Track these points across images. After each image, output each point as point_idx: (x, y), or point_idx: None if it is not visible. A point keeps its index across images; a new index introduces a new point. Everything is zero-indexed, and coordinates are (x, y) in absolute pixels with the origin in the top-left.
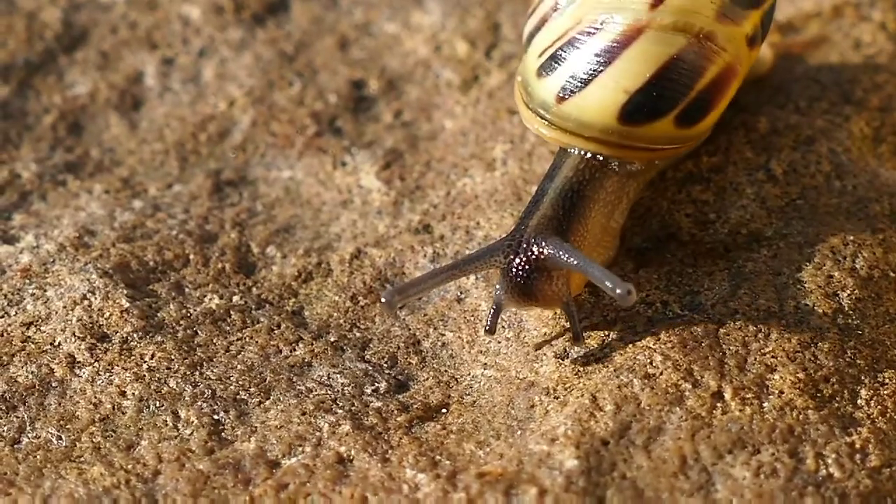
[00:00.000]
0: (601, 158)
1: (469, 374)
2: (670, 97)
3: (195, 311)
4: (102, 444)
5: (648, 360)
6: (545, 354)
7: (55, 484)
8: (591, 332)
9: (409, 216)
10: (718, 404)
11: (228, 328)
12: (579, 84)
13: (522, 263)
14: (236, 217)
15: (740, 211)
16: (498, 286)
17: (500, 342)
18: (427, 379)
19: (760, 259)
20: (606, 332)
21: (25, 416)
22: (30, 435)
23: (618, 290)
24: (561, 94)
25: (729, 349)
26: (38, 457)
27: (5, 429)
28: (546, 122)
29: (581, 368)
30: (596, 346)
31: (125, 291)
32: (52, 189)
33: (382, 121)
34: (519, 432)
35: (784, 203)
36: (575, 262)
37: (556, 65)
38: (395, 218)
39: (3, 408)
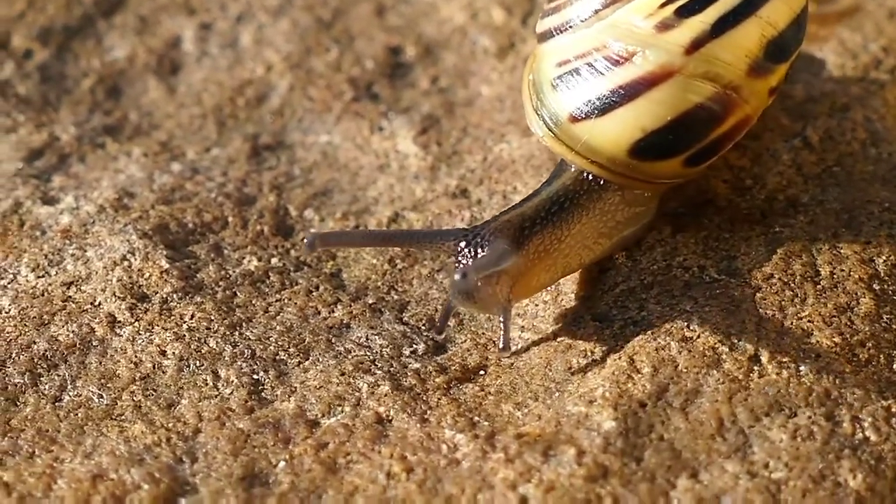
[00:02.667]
0: (601, 182)
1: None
2: (685, 141)
3: (234, 272)
4: (143, 403)
5: (686, 324)
6: (583, 317)
7: (96, 441)
8: (629, 296)
9: (446, 181)
10: (755, 367)
11: (267, 289)
12: (596, 111)
13: (467, 259)
14: (274, 180)
15: (777, 177)
16: (448, 282)
17: (537, 305)
18: (465, 341)
19: (797, 225)
20: (644, 296)
21: (66, 374)
22: (71, 393)
23: (456, 276)
24: (574, 115)
25: (765, 313)
26: (80, 414)
27: (47, 387)
28: (552, 135)
29: (619, 331)
30: (634, 309)
31: (165, 252)
32: (91, 152)
33: (419, 87)
34: (557, 394)
35: (820, 170)
36: (487, 271)
37: (575, 83)
38: (433, 182)
39: (45, 366)
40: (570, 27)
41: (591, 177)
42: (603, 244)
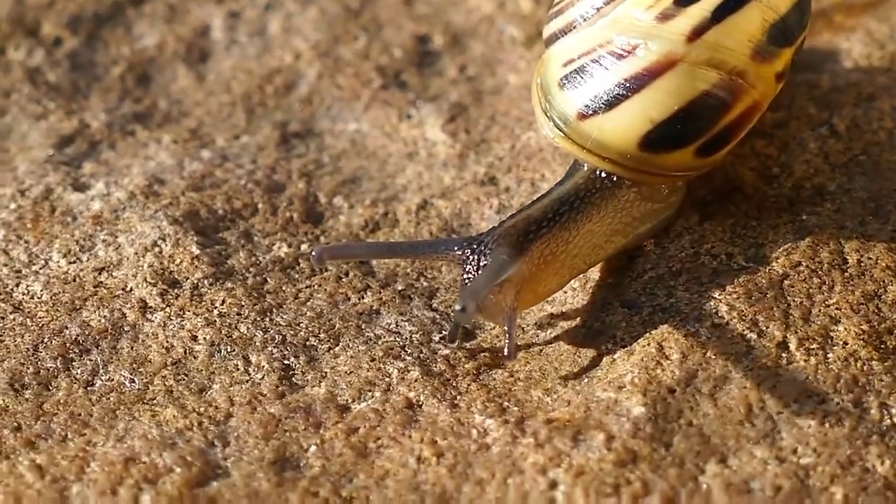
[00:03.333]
0: (614, 179)
1: (535, 324)
2: (695, 130)
3: (264, 258)
4: (175, 388)
5: (714, 311)
6: (611, 304)
7: (128, 425)
8: (657, 283)
9: (474, 168)
10: (783, 354)
11: (297, 276)
12: (604, 105)
13: (473, 267)
14: (303, 168)
15: (804, 165)
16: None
17: (566, 292)
18: (494, 328)
19: (824, 213)
20: (672, 283)
21: (99, 359)
22: (103, 377)
23: (457, 306)
24: (583, 112)
25: (793, 300)
26: (112, 399)
27: (79, 371)
28: (562, 134)
29: (648, 318)
30: (662, 296)
31: (195, 239)
32: (122, 139)
33: (447, 75)
34: (586, 380)
35: (847, 158)
36: (486, 291)
37: (582, 81)
38: (461, 170)
39: (77, 351)
40: (574, 27)
41: (603, 174)
42: (616, 242)
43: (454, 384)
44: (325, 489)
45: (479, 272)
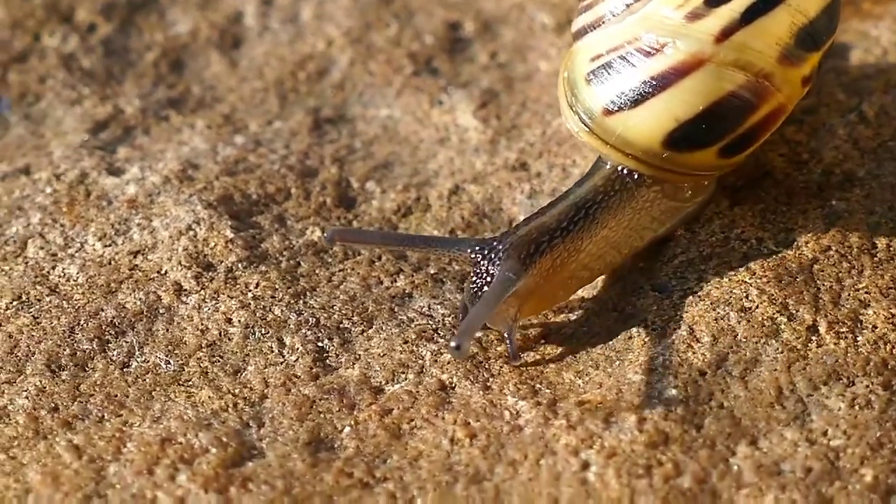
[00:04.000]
0: (635, 177)
1: (567, 307)
2: (719, 131)
3: (297, 242)
4: (210, 369)
5: (744, 294)
6: (642, 287)
7: (164, 406)
8: (688, 267)
9: (505, 154)
10: (813, 337)
11: (330, 259)
12: (629, 103)
13: (482, 272)
14: (336, 153)
15: (833, 151)
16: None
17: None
18: None
19: (853, 198)
20: (703, 267)
21: (134, 340)
22: (139, 359)
23: (452, 343)
24: (608, 108)
25: (823, 284)
26: (148, 380)
27: (115, 353)
28: (587, 129)
29: (678, 301)
30: (693, 280)
31: (229, 223)
32: (156, 124)
33: (478, 62)
34: (617, 362)
35: (876, 144)
36: (479, 316)
37: (608, 76)
38: (492, 155)
39: (113, 333)
40: (603, 23)
41: (625, 171)
42: (631, 248)
43: (486, 366)
44: (360, 469)
45: (482, 293)
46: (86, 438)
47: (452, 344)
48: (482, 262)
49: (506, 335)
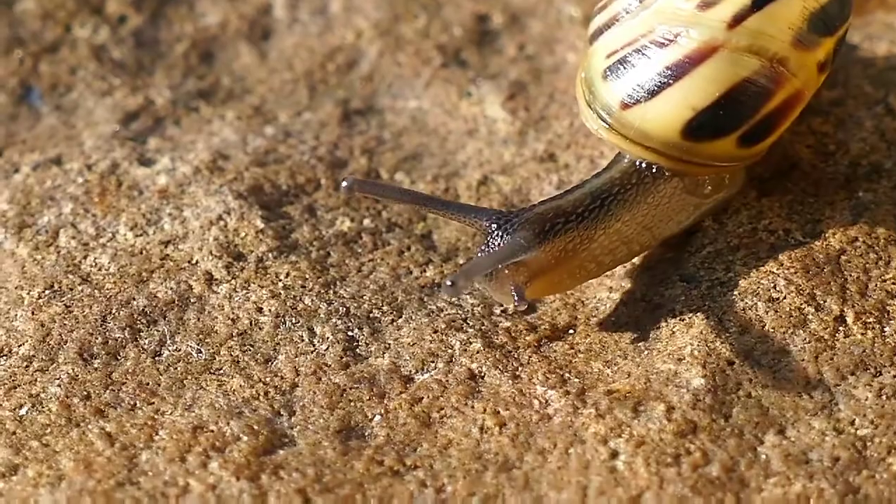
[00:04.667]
0: (654, 170)
1: (595, 297)
2: (736, 118)
3: (327, 232)
4: (241, 358)
5: (772, 285)
6: (670, 278)
7: (196, 394)
8: (716, 258)
9: (534, 145)
10: (840, 328)
11: (360, 250)
12: (646, 94)
13: (495, 243)
14: (365, 144)
15: (860, 143)
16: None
17: (625, 267)
18: (553, 301)
19: (880, 190)
20: (730, 258)
21: (166, 329)
22: (170, 348)
23: (447, 280)
24: (626, 101)
25: (850, 275)
26: (179, 368)
27: (146, 341)
28: (606, 126)
29: (706, 292)
30: (720, 270)
31: (259, 213)
32: (186, 115)
33: (506, 54)
34: (646, 352)
35: None
36: (482, 265)
37: (624, 70)
38: (521, 147)
39: (144, 321)
40: (618, 21)
41: (643, 164)
42: (643, 244)
43: (515, 356)
44: (390, 458)
45: (490, 251)
46: (118, 426)
47: (447, 281)
48: (497, 232)
49: (514, 294)
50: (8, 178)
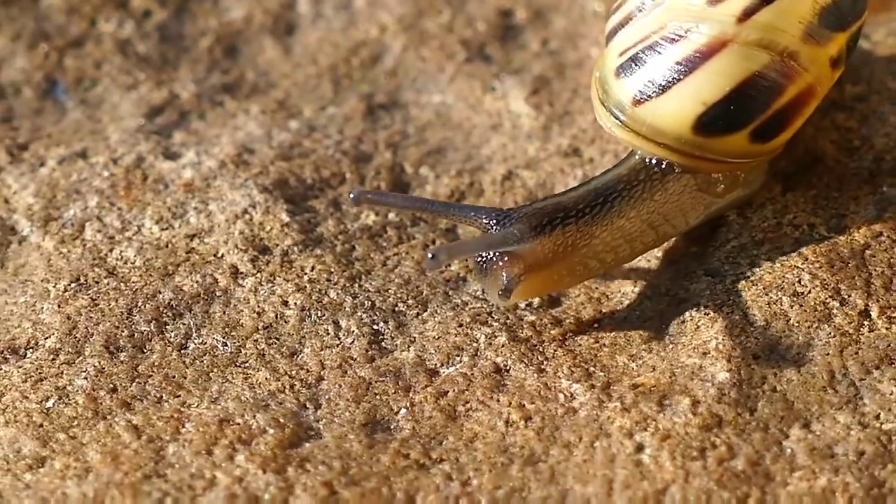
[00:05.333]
0: (663, 167)
1: (619, 291)
2: (747, 112)
3: (352, 226)
4: (266, 351)
5: (797, 279)
6: (695, 272)
7: (222, 387)
8: (740, 252)
9: (558, 140)
10: (865, 322)
11: (385, 243)
12: (657, 90)
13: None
14: (389, 138)
15: (884, 138)
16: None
17: (649, 261)
18: (578, 295)
19: None
20: (755, 252)
21: (191, 322)
22: (196, 341)
23: (429, 252)
24: (638, 98)
25: (875, 270)
26: (205, 361)
27: (172, 335)
28: (619, 123)
29: (731, 286)
30: (745, 265)
31: (285, 207)
32: (211, 109)
33: (530, 49)
34: (671, 346)
35: None
36: (469, 247)
37: (636, 67)
38: (545, 141)
39: (170, 315)
40: (631, 20)
41: (653, 161)
42: (645, 243)
43: (540, 349)
44: (416, 451)
45: (479, 237)
46: (144, 419)
47: (430, 253)
48: (495, 229)
49: (504, 281)
50: (34, 172)
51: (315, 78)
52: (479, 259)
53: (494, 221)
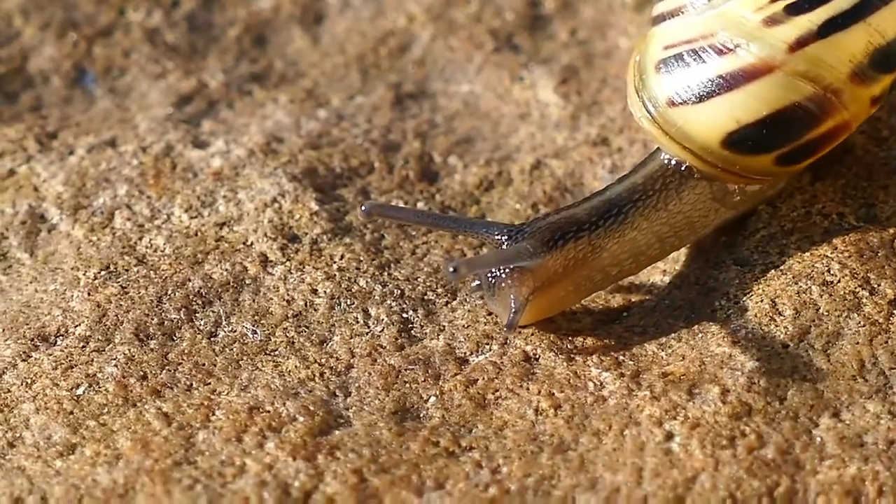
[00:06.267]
0: (682, 169)
1: (649, 281)
2: (779, 139)
3: None
4: (296, 339)
5: (826, 269)
6: (724, 261)
7: (252, 375)
8: (769, 241)
9: (586, 129)
10: (895, 311)
11: (414, 232)
12: (694, 97)
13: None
14: (418, 128)
15: None
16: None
17: (678, 251)
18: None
19: None
20: (784, 241)
21: (221, 311)
22: (226, 329)
23: (450, 265)
24: (673, 99)
25: None
26: (235, 349)
27: (202, 322)
28: (649, 117)
29: (760, 275)
30: (774, 254)
31: (314, 195)
32: (239, 98)
33: (558, 39)
34: (700, 335)
35: None
36: (486, 261)
37: (678, 68)
38: (573, 131)
39: (200, 303)
40: (682, 13)
41: (672, 164)
42: (651, 256)
43: (570, 338)
44: (445, 439)
45: (495, 251)
46: (174, 406)
47: (451, 266)
48: (507, 244)
49: (512, 307)
50: (63, 161)
51: (343, 67)
52: (489, 276)
53: (507, 237)
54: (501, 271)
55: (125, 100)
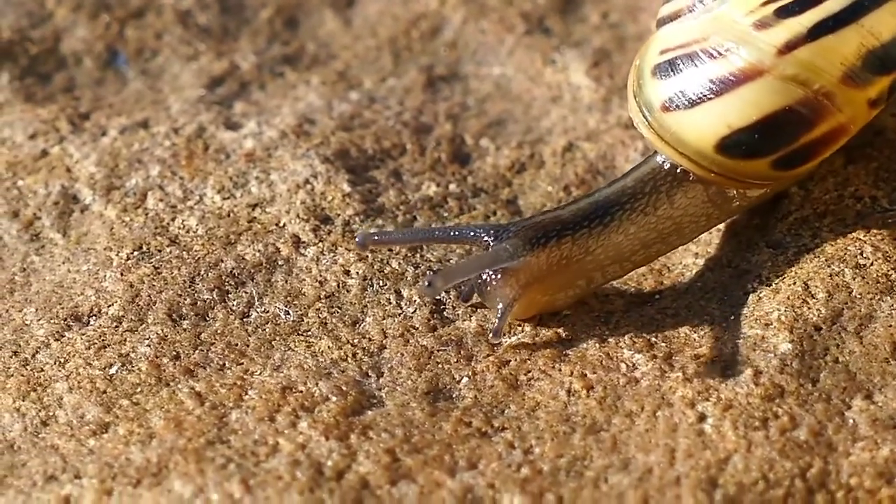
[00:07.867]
0: (677, 172)
1: (681, 263)
2: (772, 143)
3: (413, 197)
4: (329, 320)
5: (859, 251)
6: (757, 244)
7: (284, 355)
8: (802, 224)
9: (618, 112)
10: None
11: (446, 214)
12: (686, 103)
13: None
14: (449, 110)
15: None
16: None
17: (711, 233)
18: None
19: None
20: (817, 224)
21: (254, 291)
22: (258, 309)
23: (425, 280)
24: (666, 104)
25: None
26: (267, 330)
27: (235, 303)
28: (646, 122)
29: (793, 258)
30: (807, 237)
31: (346, 177)
32: (271, 80)
33: (590, 22)
34: (732, 317)
35: None
36: (461, 270)
37: (671, 73)
38: (605, 114)
39: (232, 283)
40: (680, 17)
41: (669, 165)
42: (636, 262)
43: (602, 319)
44: (478, 419)
45: (474, 257)
46: (207, 386)
47: (425, 281)
48: (493, 244)
49: (499, 309)
50: (96, 142)
51: (375, 50)
52: (478, 280)
53: (492, 238)
54: (488, 273)
55: (157, 81)
